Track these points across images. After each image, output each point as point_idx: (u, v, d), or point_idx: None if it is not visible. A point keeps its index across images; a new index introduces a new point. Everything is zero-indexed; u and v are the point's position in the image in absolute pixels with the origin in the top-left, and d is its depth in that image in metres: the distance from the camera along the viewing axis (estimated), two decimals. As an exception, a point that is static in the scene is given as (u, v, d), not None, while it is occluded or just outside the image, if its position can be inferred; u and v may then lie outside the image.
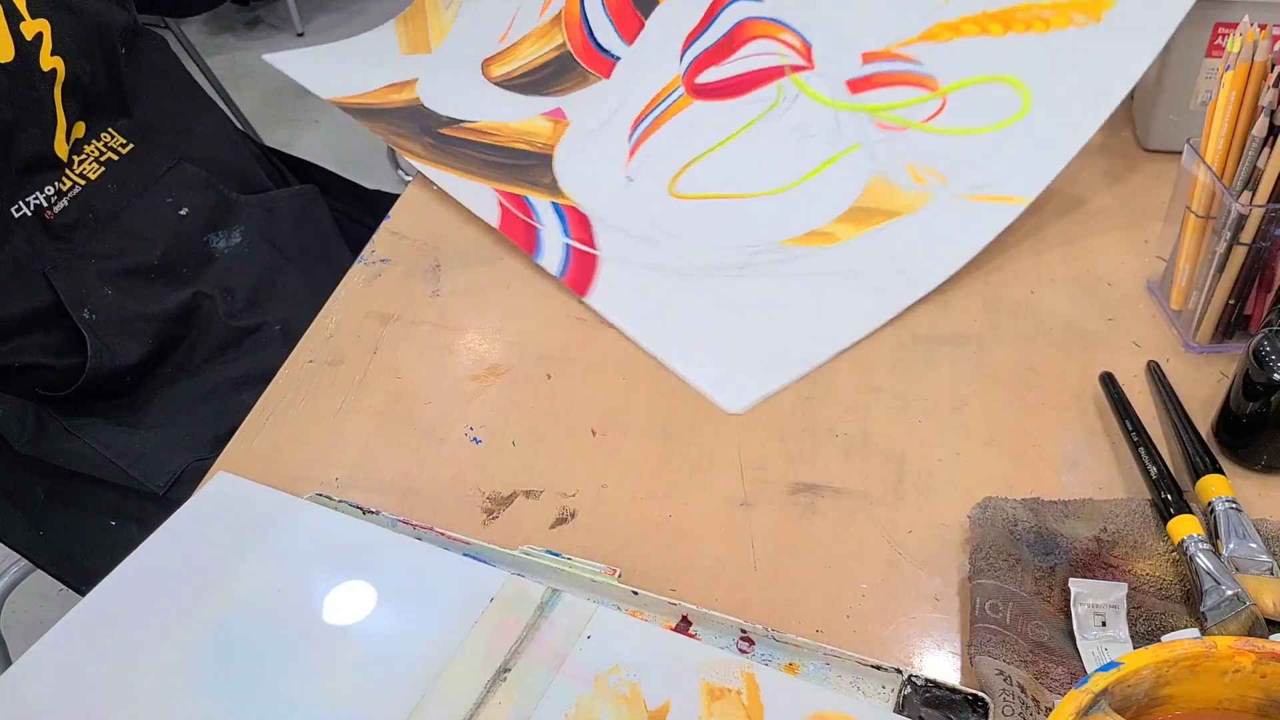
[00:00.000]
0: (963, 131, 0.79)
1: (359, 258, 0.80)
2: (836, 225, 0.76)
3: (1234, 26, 0.71)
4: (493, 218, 0.79)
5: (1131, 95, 0.92)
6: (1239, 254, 0.62)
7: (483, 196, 0.81)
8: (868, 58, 0.85)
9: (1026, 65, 0.80)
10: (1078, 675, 0.47)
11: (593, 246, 0.77)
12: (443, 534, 0.56)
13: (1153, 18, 0.73)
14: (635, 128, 0.87)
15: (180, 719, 0.47)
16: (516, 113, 0.90)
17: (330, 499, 0.58)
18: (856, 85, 0.85)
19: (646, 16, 0.94)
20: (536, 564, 0.54)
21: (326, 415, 0.66)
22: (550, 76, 0.93)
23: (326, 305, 0.76)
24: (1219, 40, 0.77)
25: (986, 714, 0.45)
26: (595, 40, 0.94)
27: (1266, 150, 0.60)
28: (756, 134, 0.84)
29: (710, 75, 0.89)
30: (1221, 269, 0.63)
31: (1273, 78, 0.60)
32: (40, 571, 0.98)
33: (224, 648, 0.50)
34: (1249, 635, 0.45)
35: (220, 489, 0.59)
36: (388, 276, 0.78)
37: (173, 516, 0.57)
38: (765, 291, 0.72)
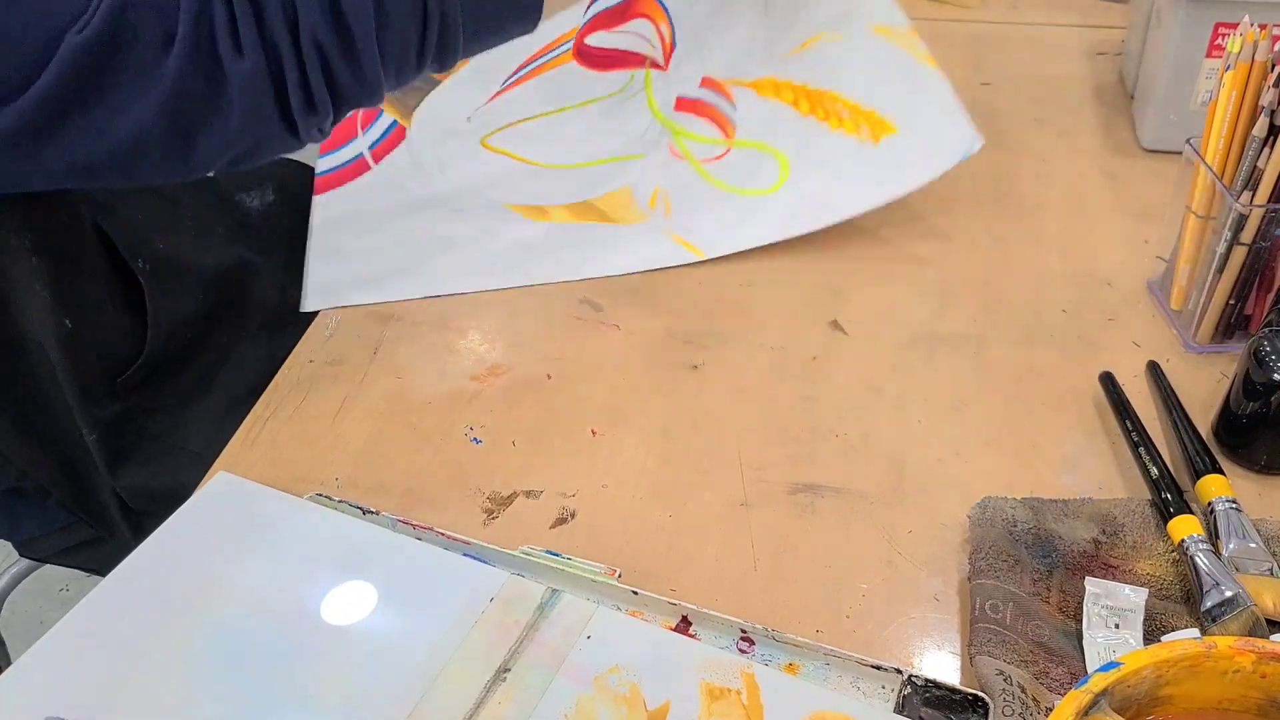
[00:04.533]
0: (720, 184, 0.82)
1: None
2: (559, 209, 0.83)
3: (1234, 26, 0.71)
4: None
5: (1131, 95, 0.92)
6: (1239, 254, 0.62)
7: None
8: (705, 83, 0.88)
9: (801, 151, 0.81)
10: (1078, 675, 0.47)
11: (376, 162, 0.88)
12: (443, 534, 0.56)
13: (914, 163, 0.76)
14: (516, 72, 0.93)
15: (180, 719, 0.47)
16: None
17: (330, 499, 0.58)
18: (682, 104, 0.89)
19: None
20: (536, 564, 0.54)
21: (326, 415, 0.66)
22: None
23: (326, 305, 0.76)
24: (1219, 40, 0.78)
25: (986, 714, 0.45)
26: None
27: (1266, 150, 0.60)
28: (591, 112, 0.91)
29: (597, 40, 0.92)
30: (1221, 269, 0.63)
31: (1273, 78, 0.60)
32: (40, 571, 0.98)
33: (224, 647, 0.50)
34: (1249, 635, 0.45)
35: (220, 489, 0.59)
36: (388, 276, 0.78)
37: (172, 516, 0.57)
38: (460, 230, 0.81)
